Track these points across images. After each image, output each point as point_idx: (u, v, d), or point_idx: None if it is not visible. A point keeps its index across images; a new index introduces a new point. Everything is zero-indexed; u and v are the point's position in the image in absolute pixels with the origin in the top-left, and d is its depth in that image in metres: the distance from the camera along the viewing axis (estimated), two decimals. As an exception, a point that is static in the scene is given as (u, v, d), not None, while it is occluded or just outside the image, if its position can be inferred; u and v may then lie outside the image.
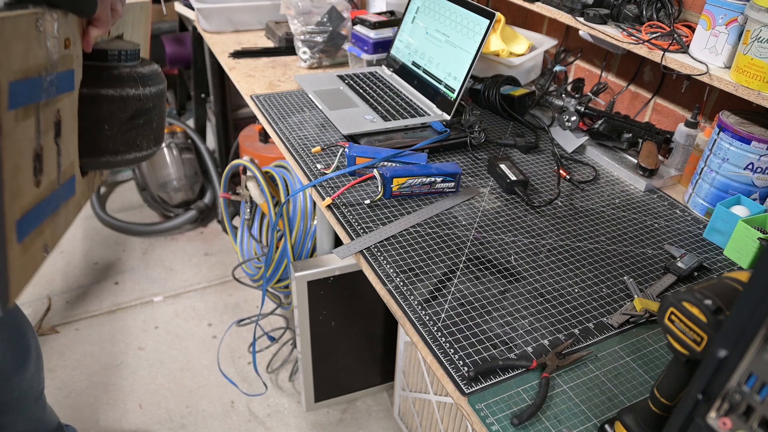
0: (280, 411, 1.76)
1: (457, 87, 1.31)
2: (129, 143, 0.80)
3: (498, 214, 1.09)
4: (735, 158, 1.06)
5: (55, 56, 0.61)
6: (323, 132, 1.32)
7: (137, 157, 0.82)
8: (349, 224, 1.02)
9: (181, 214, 2.51)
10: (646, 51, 1.16)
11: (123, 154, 0.80)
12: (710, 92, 1.23)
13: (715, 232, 1.06)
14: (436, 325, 0.83)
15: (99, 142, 0.77)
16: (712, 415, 0.46)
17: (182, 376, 1.86)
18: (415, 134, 1.28)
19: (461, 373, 0.75)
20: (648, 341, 0.84)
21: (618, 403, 0.74)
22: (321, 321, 1.49)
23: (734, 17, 1.02)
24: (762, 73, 0.97)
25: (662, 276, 0.96)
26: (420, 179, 1.10)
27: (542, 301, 0.89)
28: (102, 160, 0.79)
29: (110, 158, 0.79)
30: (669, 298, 0.54)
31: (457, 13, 1.34)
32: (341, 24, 1.66)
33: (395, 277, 0.90)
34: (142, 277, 2.26)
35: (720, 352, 0.44)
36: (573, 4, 1.31)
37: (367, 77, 1.54)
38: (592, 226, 1.08)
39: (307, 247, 1.63)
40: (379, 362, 1.68)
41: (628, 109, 1.44)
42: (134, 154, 0.82)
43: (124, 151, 0.80)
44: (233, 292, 2.21)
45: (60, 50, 0.61)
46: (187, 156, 2.51)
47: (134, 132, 0.79)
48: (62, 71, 0.63)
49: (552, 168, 1.27)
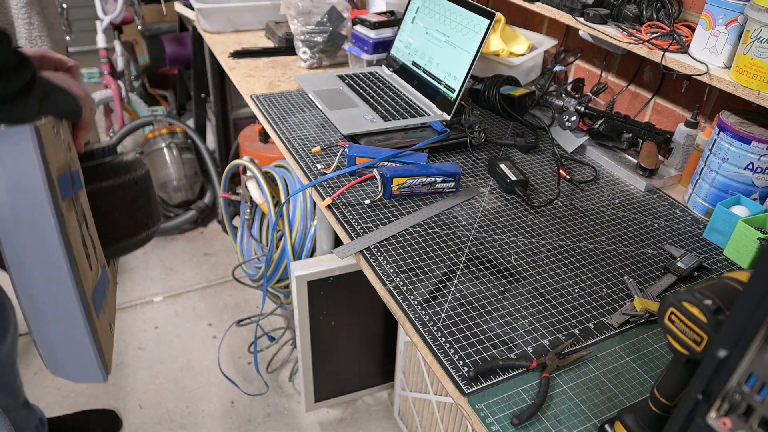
0: (280, 411, 1.76)
1: (457, 87, 1.31)
2: (138, 223, 0.88)
3: (498, 214, 1.09)
4: (735, 158, 1.06)
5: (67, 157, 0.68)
6: (323, 132, 1.32)
7: (147, 234, 0.90)
8: (349, 224, 1.02)
9: (181, 214, 2.51)
10: (646, 51, 1.16)
11: (136, 235, 0.88)
12: (710, 92, 1.23)
13: (715, 232, 1.06)
14: (436, 325, 0.83)
15: (113, 229, 0.85)
16: (712, 415, 0.46)
17: (182, 376, 1.86)
18: (415, 134, 1.28)
19: (461, 373, 0.75)
20: (648, 341, 0.84)
21: (618, 403, 0.74)
22: (321, 321, 1.49)
23: (734, 17, 1.02)
24: (762, 73, 0.97)
25: (662, 276, 0.96)
26: (420, 179, 1.10)
27: (542, 301, 0.89)
28: (121, 246, 0.87)
29: (127, 242, 0.88)
30: (669, 298, 0.54)
31: (457, 13, 1.34)
32: (341, 24, 1.66)
33: (395, 277, 0.91)
34: (142, 277, 2.26)
35: (720, 352, 0.44)
36: (573, 4, 1.31)
37: (367, 77, 1.54)
38: (592, 226, 1.08)
39: (307, 247, 1.63)
40: (379, 362, 1.68)
41: (628, 109, 1.44)
42: (144, 233, 0.90)
43: (136, 231, 0.88)
44: (233, 292, 2.21)
45: (67, 152, 0.69)
46: (187, 156, 2.51)
47: (140, 212, 0.88)
48: (74, 170, 0.71)
49: (552, 168, 1.27)
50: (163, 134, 2.50)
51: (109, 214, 0.83)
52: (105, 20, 2.63)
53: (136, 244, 0.89)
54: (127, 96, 2.79)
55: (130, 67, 2.96)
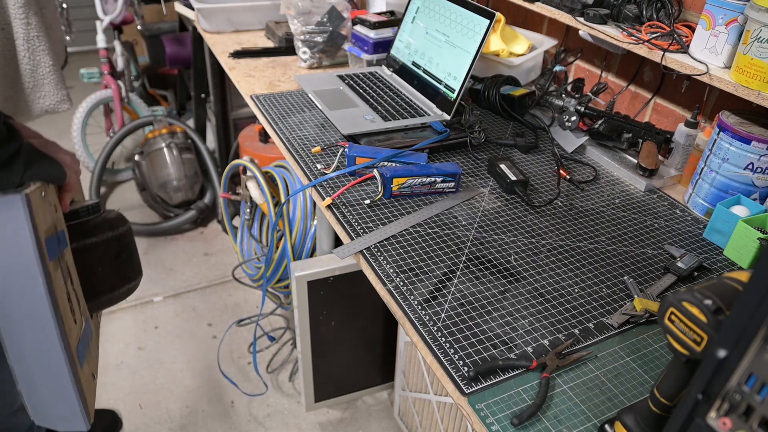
0: (280, 411, 1.76)
1: (457, 87, 1.31)
2: (121, 277, 0.93)
3: (498, 214, 1.09)
4: (735, 158, 1.06)
5: (54, 218, 0.74)
6: (323, 132, 1.32)
7: (129, 288, 0.95)
8: (349, 224, 1.02)
9: (181, 214, 2.51)
10: (646, 51, 1.16)
11: (118, 288, 0.93)
12: (710, 92, 1.23)
13: (715, 232, 1.06)
14: (436, 325, 0.83)
15: (97, 283, 0.90)
16: (712, 415, 0.46)
17: (182, 376, 1.86)
18: (415, 134, 1.28)
19: (461, 373, 0.75)
20: (648, 341, 0.84)
21: (618, 403, 0.74)
22: (321, 321, 1.49)
23: (734, 17, 1.02)
24: (762, 73, 0.97)
25: (662, 276, 0.96)
26: (420, 179, 1.10)
27: (542, 301, 0.89)
28: (104, 299, 0.92)
29: (110, 295, 0.92)
30: (669, 298, 0.54)
31: (457, 13, 1.34)
32: (341, 24, 1.66)
33: (395, 277, 0.91)
34: (142, 277, 2.26)
35: (720, 352, 0.44)
36: (573, 4, 1.31)
37: (367, 77, 1.54)
38: (592, 226, 1.08)
39: (307, 247, 1.63)
40: (379, 362, 1.68)
41: (628, 109, 1.44)
42: (126, 286, 0.95)
43: (119, 285, 0.93)
44: (233, 292, 2.21)
45: (54, 214, 0.74)
46: (187, 156, 2.51)
47: (123, 267, 0.93)
48: (60, 231, 0.76)
49: (552, 168, 1.27)
50: (163, 134, 2.50)
51: (92, 269, 0.88)
52: (105, 20, 2.63)
53: (118, 297, 0.94)
54: (127, 96, 2.79)
55: (130, 67, 2.96)
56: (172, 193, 2.49)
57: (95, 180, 2.54)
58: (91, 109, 2.69)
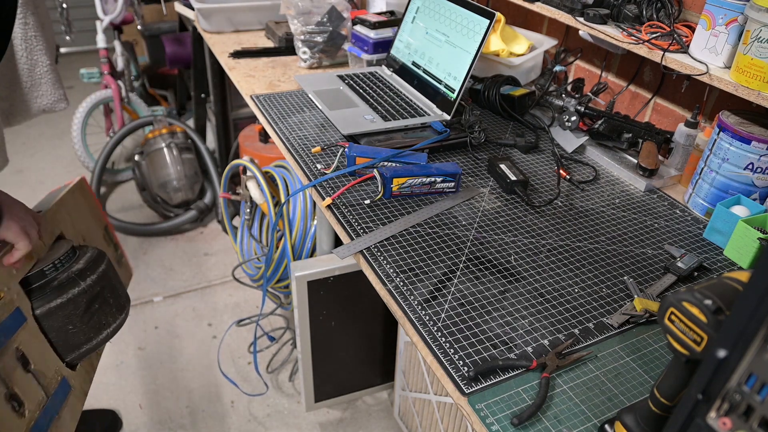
0: (280, 411, 1.76)
1: (457, 87, 1.31)
2: (97, 327, 0.91)
3: (498, 214, 1.09)
4: (735, 158, 1.06)
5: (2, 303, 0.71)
6: (323, 132, 1.32)
7: (109, 332, 0.93)
8: (349, 224, 1.02)
9: (181, 214, 2.51)
10: (646, 51, 1.16)
11: (96, 337, 0.91)
12: (710, 92, 1.23)
13: (715, 232, 1.06)
14: (436, 325, 0.83)
15: (71, 341, 0.87)
16: (712, 415, 0.46)
17: (182, 376, 1.86)
18: (415, 134, 1.28)
19: (461, 373, 0.75)
20: (648, 341, 0.84)
21: (618, 403, 0.74)
22: (321, 321, 1.49)
23: (734, 17, 1.02)
24: (762, 73, 0.97)
25: (662, 276, 0.96)
26: (420, 179, 1.10)
27: (542, 301, 0.89)
28: (83, 351, 0.90)
29: (88, 346, 0.90)
30: (669, 298, 0.54)
31: (457, 13, 1.34)
32: (341, 24, 1.66)
33: (395, 277, 0.90)
34: (142, 277, 2.26)
35: (720, 352, 0.44)
36: (573, 4, 1.31)
37: (367, 77, 1.54)
38: (592, 226, 1.08)
39: (307, 247, 1.63)
40: (379, 362, 1.68)
41: (628, 109, 1.44)
42: (105, 332, 0.92)
43: (96, 334, 0.91)
44: (233, 292, 2.21)
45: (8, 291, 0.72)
46: (187, 156, 2.51)
47: (96, 317, 0.90)
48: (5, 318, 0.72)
49: (552, 168, 1.27)
50: (163, 134, 2.50)
51: (63, 330, 0.86)
52: (105, 20, 2.63)
53: (98, 345, 0.92)
54: (127, 96, 2.79)
55: (130, 67, 2.96)
56: (172, 193, 2.49)
57: (95, 180, 2.54)
58: (91, 109, 2.69)
